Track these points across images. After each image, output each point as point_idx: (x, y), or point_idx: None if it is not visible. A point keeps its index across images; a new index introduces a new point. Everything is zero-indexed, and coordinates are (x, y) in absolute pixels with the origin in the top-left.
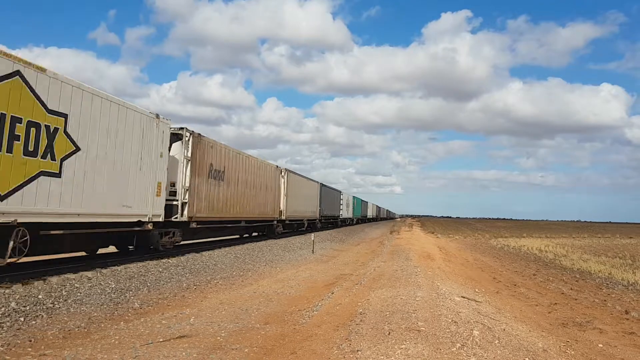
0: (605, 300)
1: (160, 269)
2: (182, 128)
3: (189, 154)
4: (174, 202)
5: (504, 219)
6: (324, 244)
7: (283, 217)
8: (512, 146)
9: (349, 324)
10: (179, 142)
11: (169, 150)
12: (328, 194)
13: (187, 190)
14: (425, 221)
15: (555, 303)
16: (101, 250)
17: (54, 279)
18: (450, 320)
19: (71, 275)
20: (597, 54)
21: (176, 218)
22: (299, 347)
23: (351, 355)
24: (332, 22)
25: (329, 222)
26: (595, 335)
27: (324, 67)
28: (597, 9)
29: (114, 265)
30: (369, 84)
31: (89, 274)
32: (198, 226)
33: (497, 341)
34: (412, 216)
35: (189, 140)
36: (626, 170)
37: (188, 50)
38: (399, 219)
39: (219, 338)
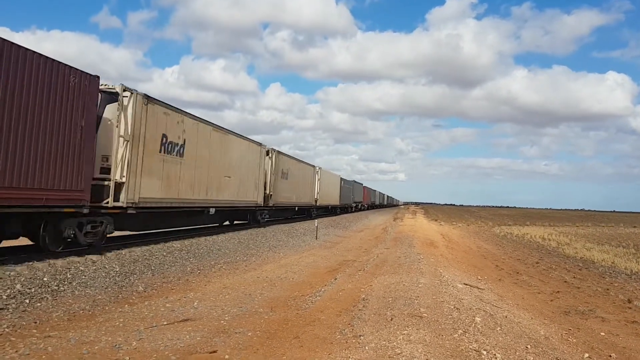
0: (608, 289)
1: (165, 253)
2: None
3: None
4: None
5: (507, 207)
6: (327, 230)
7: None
8: (516, 134)
9: (352, 310)
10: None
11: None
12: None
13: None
14: (428, 208)
15: (558, 291)
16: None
17: (59, 262)
18: (452, 307)
19: (76, 258)
20: (601, 42)
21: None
22: (302, 331)
23: (354, 340)
24: (335, 7)
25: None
26: (598, 323)
27: (327, 53)
28: None
29: (118, 249)
30: (373, 70)
31: (94, 257)
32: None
33: (499, 328)
34: (416, 203)
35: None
36: (630, 159)
37: (190, 34)
38: (402, 206)
39: (222, 322)
